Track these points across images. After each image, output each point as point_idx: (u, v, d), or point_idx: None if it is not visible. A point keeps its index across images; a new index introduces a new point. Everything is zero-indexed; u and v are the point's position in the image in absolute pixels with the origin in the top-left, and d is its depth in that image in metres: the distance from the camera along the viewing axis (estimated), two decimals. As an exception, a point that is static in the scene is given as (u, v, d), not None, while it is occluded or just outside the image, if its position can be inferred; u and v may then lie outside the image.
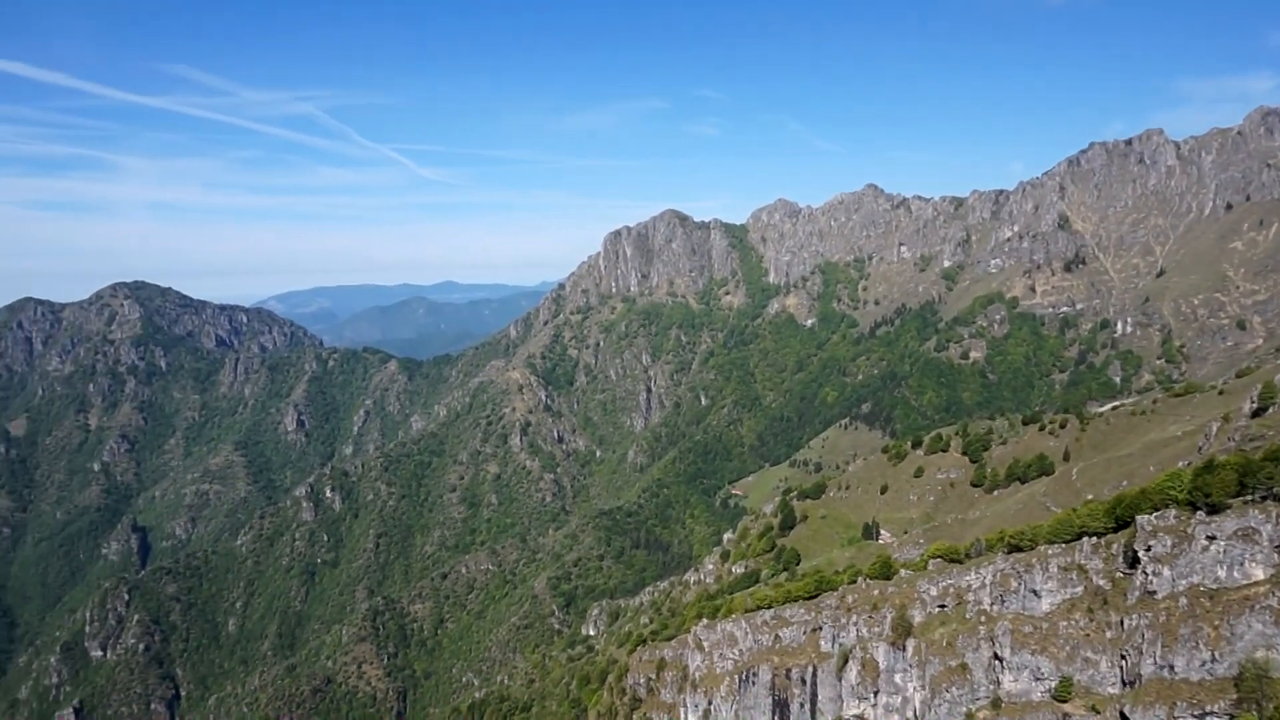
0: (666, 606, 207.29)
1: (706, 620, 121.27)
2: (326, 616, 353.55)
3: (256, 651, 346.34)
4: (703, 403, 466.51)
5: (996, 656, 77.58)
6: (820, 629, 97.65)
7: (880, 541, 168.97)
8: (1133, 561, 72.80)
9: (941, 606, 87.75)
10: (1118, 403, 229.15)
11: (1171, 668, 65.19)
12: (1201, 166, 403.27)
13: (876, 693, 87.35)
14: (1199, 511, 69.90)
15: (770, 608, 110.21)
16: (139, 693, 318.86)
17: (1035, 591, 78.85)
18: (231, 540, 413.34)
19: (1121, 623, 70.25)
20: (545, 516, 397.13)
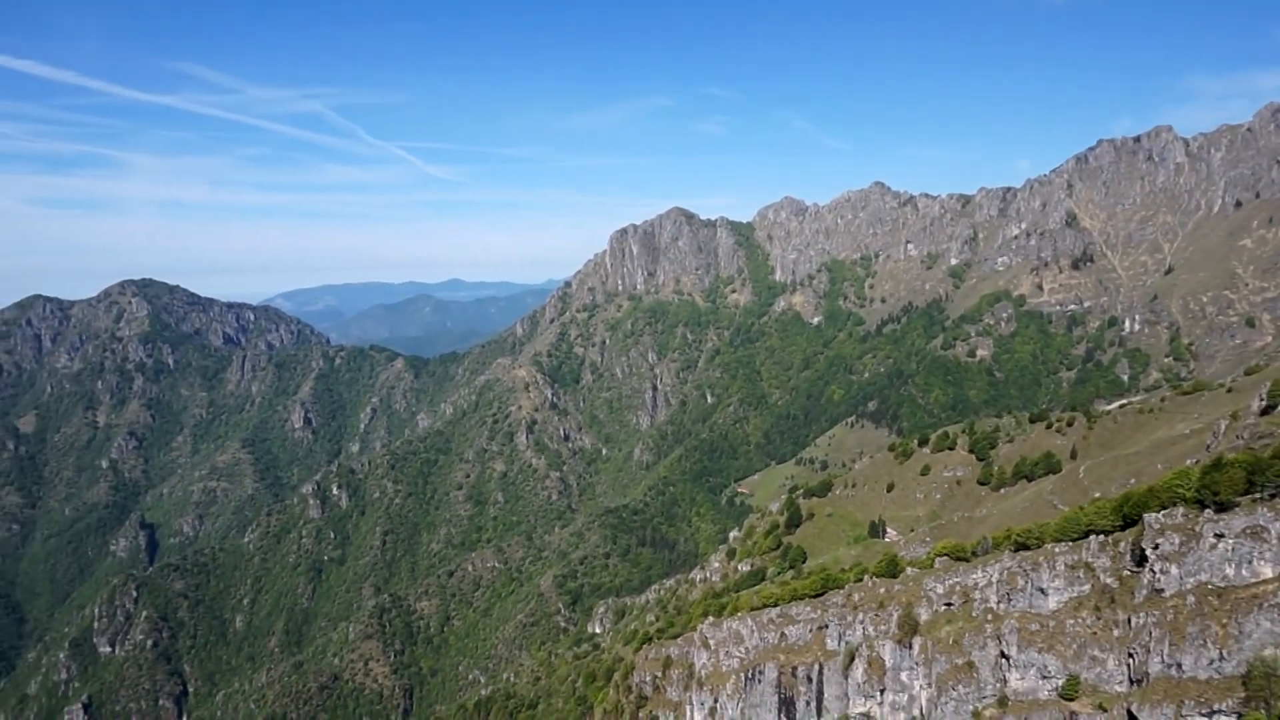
0: (672, 604, 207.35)
1: (713, 618, 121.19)
2: (333, 614, 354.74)
3: (264, 648, 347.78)
4: (709, 401, 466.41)
5: (1003, 655, 77.39)
6: (826, 627, 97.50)
7: (886, 540, 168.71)
8: (1140, 560, 72.53)
9: (948, 605, 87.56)
10: (1125, 401, 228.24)
11: (1179, 666, 64.93)
12: (1211, 163, 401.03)
13: (883, 691, 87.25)
14: (1207, 510, 69.52)
15: (776, 606, 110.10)
16: (147, 689, 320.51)
17: (1042, 590, 78.62)
18: (239, 537, 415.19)
19: (1129, 621, 69.99)
20: (551, 514, 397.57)
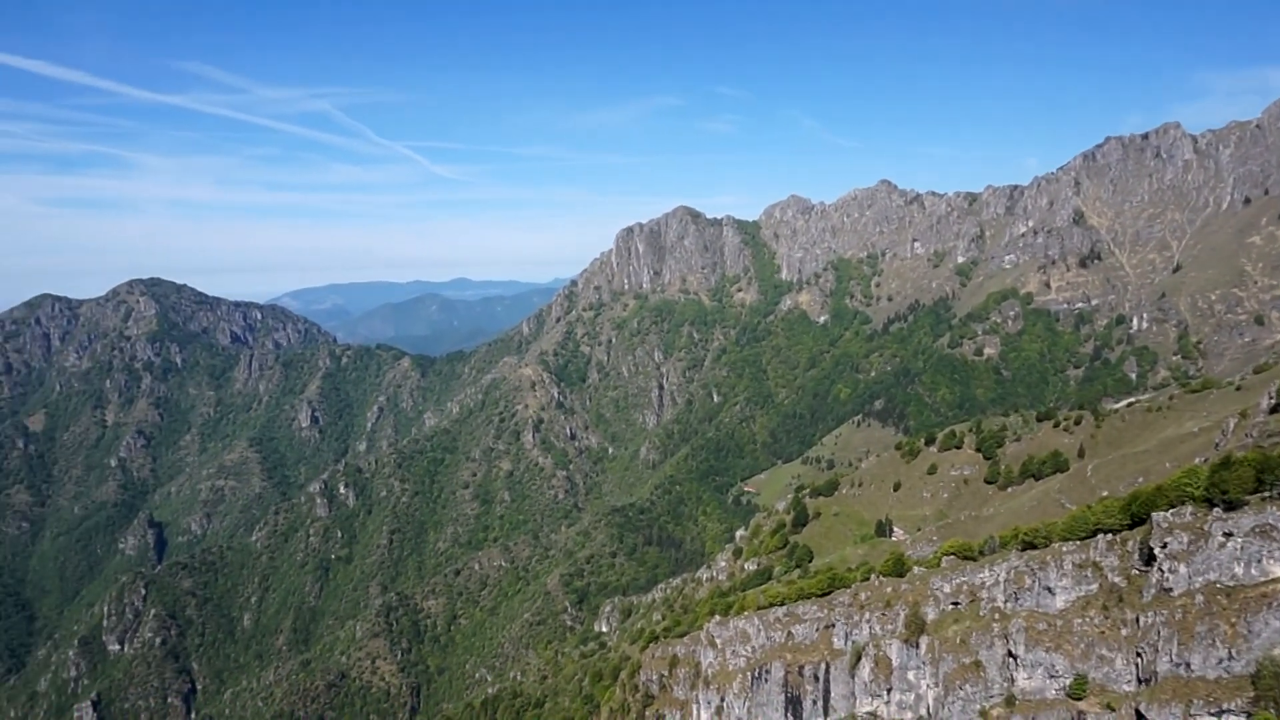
0: (679, 603, 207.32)
1: (719, 617, 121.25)
2: (340, 612, 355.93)
3: (271, 646, 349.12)
4: (715, 400, 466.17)
5: (1010, 654, 77.21)
6: (833, 626, 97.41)
7: (893, 539, 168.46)
8: (1148, 559, 72.24)
9: (955, 604, 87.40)
10: (1133, 399, 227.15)
11: (1188, 665, 64.73)
12: (1219, 160, 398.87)
13: (890, 690, 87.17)
14: (1216, 508, 69.24)
15: (783, 605, 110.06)
16: (156, 686, 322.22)
17: (1050, 589, 78.38)
18: (246, 536, 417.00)
19: (1137, 620, 69.78)
20: (558, 513, 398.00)
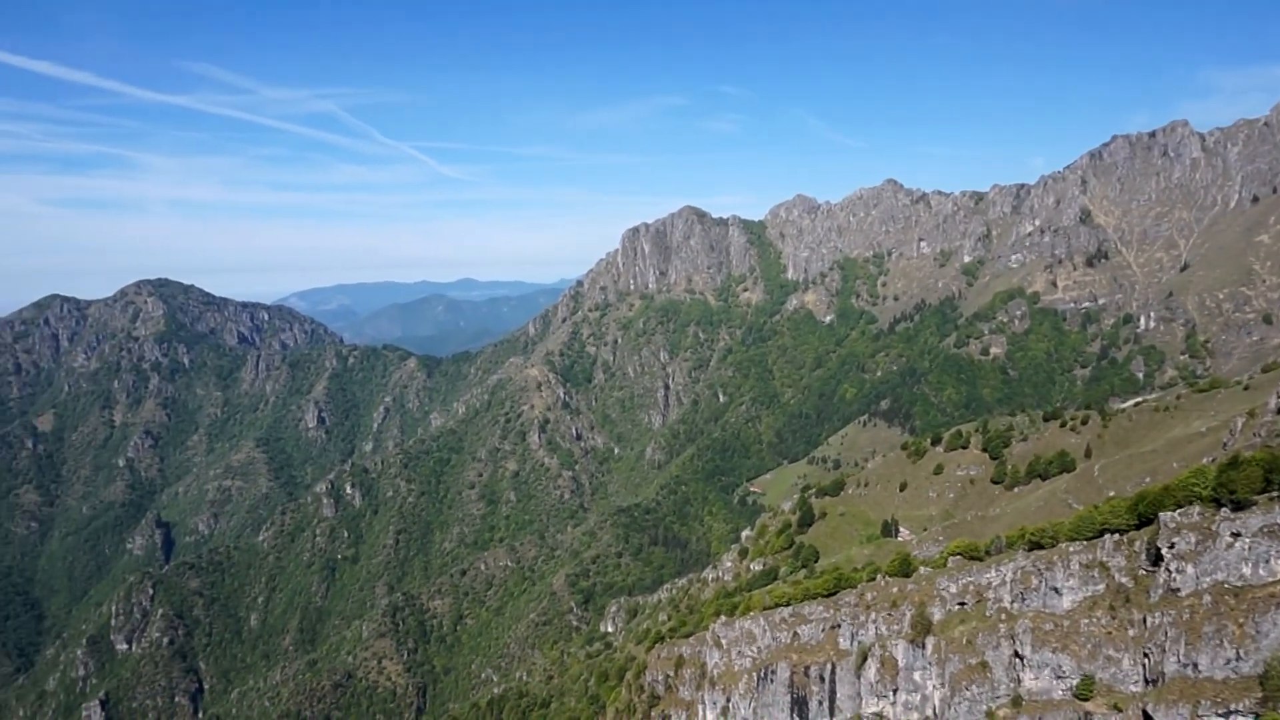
0: (685, 604, 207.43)
1: (725, 617, 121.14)
2: (347, 612, 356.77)
3: (278, 646, 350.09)
4: (721, 400, 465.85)
5: (1017, 654, 77.04)
6: (839, 626, 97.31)
7: (899, 539, 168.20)
8: (1156, 559, 72.04)
9: (961, 604, 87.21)
10: (1140, 399, 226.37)
11: (1195, 666, 64.51)
12: (1227, 158, 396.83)
13: (896, 690, 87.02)
14: (1223, 508, 68.98)
15: (789, 605, 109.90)
16: (163, 685, 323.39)
17: (1056, 589, 78.20)
18: (253, 536, 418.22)
19: (1144, 620, 69.54)
20: (564, 513, 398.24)
